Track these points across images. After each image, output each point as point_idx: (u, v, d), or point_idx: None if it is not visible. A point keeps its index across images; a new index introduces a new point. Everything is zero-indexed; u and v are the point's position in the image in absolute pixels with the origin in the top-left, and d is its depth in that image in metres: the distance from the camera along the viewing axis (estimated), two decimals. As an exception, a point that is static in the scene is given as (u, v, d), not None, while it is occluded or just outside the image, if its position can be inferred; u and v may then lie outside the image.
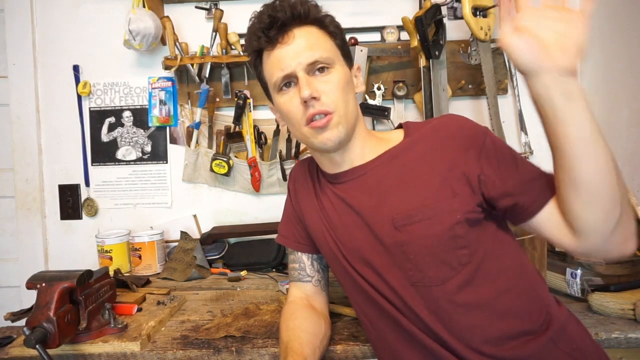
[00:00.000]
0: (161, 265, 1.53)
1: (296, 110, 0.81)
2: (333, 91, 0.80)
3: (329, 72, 0.81)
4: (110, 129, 1.71)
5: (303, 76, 0.79)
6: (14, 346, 0.94)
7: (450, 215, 0.75)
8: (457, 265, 0.74)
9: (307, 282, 0.98)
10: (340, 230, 0.86)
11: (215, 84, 1.64)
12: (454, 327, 0.73)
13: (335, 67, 0.81)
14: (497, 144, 0.77)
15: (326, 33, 0.83)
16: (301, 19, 0.80)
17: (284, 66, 0.80)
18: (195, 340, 0.96)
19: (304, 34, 0.80)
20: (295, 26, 0.80)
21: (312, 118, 0.79)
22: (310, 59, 0.79)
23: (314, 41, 0.80)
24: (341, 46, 0.85)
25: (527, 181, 0.74)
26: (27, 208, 1.70)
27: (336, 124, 0.80)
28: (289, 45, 0.80)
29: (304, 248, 0.99)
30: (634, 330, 0.90)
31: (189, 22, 1.66)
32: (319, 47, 0.80)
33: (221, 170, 1.60)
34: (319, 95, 0.79)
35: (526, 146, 1.59)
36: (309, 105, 0.79)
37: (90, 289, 0.96)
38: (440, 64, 1.48)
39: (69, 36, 1.69)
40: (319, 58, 0.79)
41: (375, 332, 0.84)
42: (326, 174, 0.92)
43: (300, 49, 0.79)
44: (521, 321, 0.73)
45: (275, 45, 0.81)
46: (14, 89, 1.68)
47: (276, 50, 0.81)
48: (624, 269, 1.11)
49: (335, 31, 0.84)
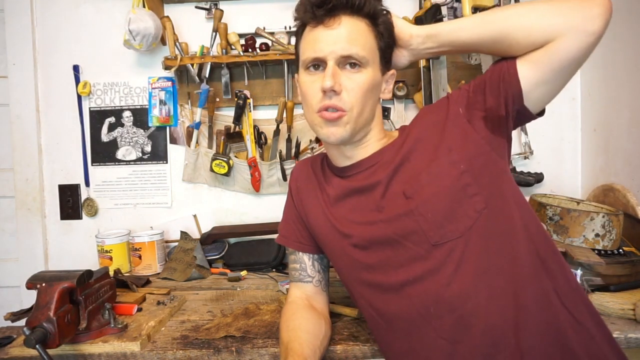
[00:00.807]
0: (161, 265, 1.53)
1: (314, 94, 0.81)
2: (355, 91, 0.80)
3: (359, 70, 0.80)
4: (110, 129, 1.71)
5: (332, 66, 0.78)
6: (14, 346, 0.95)
7: (453, 167, 0.76)
8: (473, 213, 0.75)
9: (308, 283, 0.98)
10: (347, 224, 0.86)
11: (215, 84, 1.64)
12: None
13: (367, 68, 0.81)
14: (460, 90, 0.83)
15: (373, 31, 0.82)
16: (353, 9, 0.80)
17: (318, 49, 0.79)
18: (195, 340, 0.96)
19: (349, 25, 0.79)
20: (345, 14, 0.79)
21: (325, 108, 0.80)
22: (345, 52, 0.78)
23: (356, 35, 0.79)
24: (383, 49, 0.84)
25: (495, 76, 0.77)
26: (27, 208, 1.70)
27: (345, 123, 0.80)
28: (332, 30, 0.79)
29: (305, 248, 0.99)
30: (634, 330, 0.90)
31: (189, 22, 1.66)
32: (359, 42, 0.79)
33: (221, 170, 1.60)
34: (340, 90, 0.79)
35: (526, 146, 1.59)
36: (327, 96, 0.79)
37: (90, 289, 0.96)
38: (440, 64, 1.48)
39: (68, 36, 1.69)
40: (354, 54, 0.79)
41: (385, 323, 0.82)
42: (334, 167, 0.92)
43: (340, 39, 0.78)
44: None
45: (318, 24, 0.80)
46: (14, 89, 1.68)
47: (317, 31, 0.80)
48: (624, 269, 1.11)
49: (384, 32, 0.83)
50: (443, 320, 0.73)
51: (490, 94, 0.77)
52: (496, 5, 1.45)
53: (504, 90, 0.75)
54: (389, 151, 0.85)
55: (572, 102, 1.62)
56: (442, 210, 0.76)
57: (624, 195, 1.27)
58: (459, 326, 0.72)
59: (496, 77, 0.76)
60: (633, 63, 1.31)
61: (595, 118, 1.53)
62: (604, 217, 1.14)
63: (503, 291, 0.73)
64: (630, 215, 1.22)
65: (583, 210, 1.17)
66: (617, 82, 1.39)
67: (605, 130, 1.47)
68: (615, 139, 1.41)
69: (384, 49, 0.84)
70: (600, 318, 0.76)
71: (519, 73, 0.74)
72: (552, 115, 1.62)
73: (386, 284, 0.80)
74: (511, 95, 0.75)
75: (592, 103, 1.55)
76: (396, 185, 0.81)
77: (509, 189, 0.79)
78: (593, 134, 1.55)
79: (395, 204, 0.80)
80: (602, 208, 1.29)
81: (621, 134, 1.38)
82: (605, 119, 1.47)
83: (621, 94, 1.37)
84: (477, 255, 0.74)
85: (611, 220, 1.14)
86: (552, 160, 1.63)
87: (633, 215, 1.22)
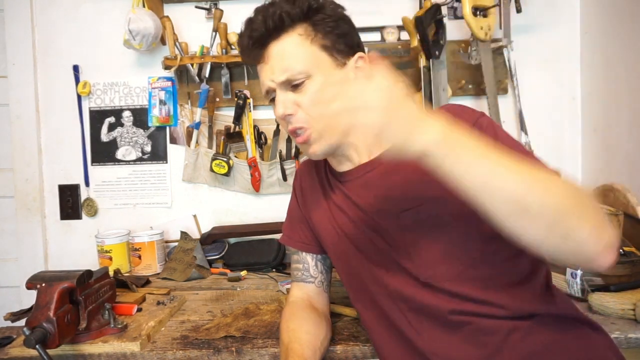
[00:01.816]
0: (161, 265, 1.53)
1: (281, 122, 0.84)
2: (307, 107, 0.80)
3: (303, 86, 0.80)
4: (110, 129, 1.71)
5: (278, 93, 0.81)
6: (14, 346, 0.94)
7: (455, 197, 0.75)
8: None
9: (310, 283, 0.98)
10: (348, 228, 0.86)
11: (215, 83, 1.63)
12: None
13: (313, 76, 0.79)
14: (494, 124, 0.76)
15: (309, 37, 0.79)
16: (277, 30, 0.79)
17: (263, 83, 0.84)
18: (195, 341, 0.96)
19: (279, 50, 0.80)
20: (272, 40, 0.80)
21: (292, 132, 0.82)
22: (281, 78, 0.80)
23: (287, 56, 0.79)
24: (331, 46, 0.80)
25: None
26: (27, 208, 1.70)
27: (316, 140, 0.81)
28: (266, 64, 0.82)
29: (309, 248, 0.98)
30: (634, 330, 0.90)
31: (189, 22, 1.65)
32: (292, 61, 0.79)
33: (221, 170, 1.60)
34: (294, 112, 0.80)
35: (526, 146, 1.58)
36: (287, 121, 0.82)
37: (90, 289, 0.96)
38: (440, 63, 1.48)
39: (68, 36, 1.69)
40: (290, 76, 0.79)
41: (380, 330, 0.83)
42: (334, 171, 0.92)
43: (274, 68, 0.80)
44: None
45: (258, 62, 0.84)
46: (14, 89, 1.68)
47: (259, 67, 0.84)
48: (624, 269, 1.11)
49: (327, 28, 0.80)
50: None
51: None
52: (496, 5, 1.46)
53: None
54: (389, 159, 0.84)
55: (572, 102, 1.62)
56: (438, 243, 0.76)
57: (624, 195, 1.27)
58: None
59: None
60: (633, 63, 1.31)
61: (595, 118, 1.53)
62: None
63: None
64: (630, 215, 1.22)
65: (583, 210, 1.17)
66: (617, 82, 1.39)
67: (605, 130, 1.47)
68: (615, 139, 1.41)
69: (331, 45, 0.80)
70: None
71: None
72: (552, 115, 1.63)
73: (379, 294, 0.81)
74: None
75: (592, 103, 1.55)
76: (393, 203, 0.80)
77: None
78: (593, 134, 1.55)
79: (391, 225, 0.80)
80: (602, 208, 1.29)
81: (621, 134, 1.38)
82: (605, 119, 1.47)
83: (621, 94, 1.37)
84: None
85: (611, 220, 1.14)
86: (552, 160, 1.57)
87: (633, 215, 1.21)
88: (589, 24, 1.55)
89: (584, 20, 1.57)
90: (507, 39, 1.50)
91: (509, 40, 1.51)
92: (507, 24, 1.49)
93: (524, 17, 1.55)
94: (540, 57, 1.61)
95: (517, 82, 1.59)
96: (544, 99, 1.62)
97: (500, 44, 1.51)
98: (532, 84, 1.61)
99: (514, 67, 1.58)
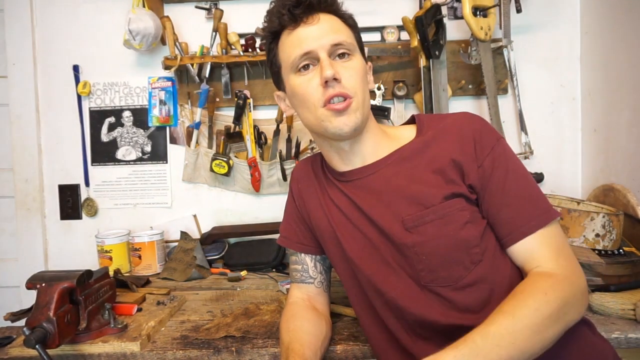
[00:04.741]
0: (161, 265, 1.53)
1: (314, 91, 0.79)
2: (353, 77, 0.80)
3: (350, 58, 0.81)
4: (110, 129, 1.71)
5: (325, 57, 0.78)
6: (14, 346, 0.94)
7: (460, 214, 0.75)
8: (470, 264, 0.74)
9: (310, 284, 0.98)
10: (347, 231, 0.86)
11: (215, 84, 1.63)
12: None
13: (355, 55, 0.82)
14: (507, 153, 0.79)
15: (347, 25, 0.84)
16: (327, 6, 0.82)
17: (306, 45, 0.79)
18: (195, 341, 0.96)
19: (328, 19, 0.81)
20: (322, 11, 0.81)
21: (330, 99, 0.78)
22: (334, 41, 0.79)
23: (338, 27, 0.81)
24: (358, 40, 0.87)
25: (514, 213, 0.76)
26: (27, 208, 1.70)
27: (354, 110, 0.79)
28: (314, 25, 0.80)
29: (307, 249, 0.98)
30: (634, 330, 0.90)
31: (189, 22, 1.65)
32: (343, 33, 0.81)
33: (221, 170, 1.60)
34: (341, 77, 0.78)
35: (526, 146, 1.59)
36: (329, 86, 0.78)
37: (90, 289, 0.96)
38: (440, 63, 1.48)
39: (68, 36, 1.69)
40: (343, 41, 0.80)
41: (376, 332, 0.83)
42: (334, 171, 0.91)
43: (325, 31, 0.79)
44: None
45: (298, 24, 0.80)
46: (13, 89, 1.68)
47: (299, 30, 0.80)
48: (625, 269, 1.11)
49: (355, 26, 0.86)
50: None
51: (484, 202, 0.78)
52: (496, 5, 1.46)
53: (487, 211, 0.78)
54: (395, 163, 0.84)
55: (572, 102, 1.62)
56: (439, 256, 0.77)
57: (624, 195, 1.27)
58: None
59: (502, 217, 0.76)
60: (633, 63, 1.31)
61: (595, 118, 1.53)
62: (604, 217, 1.14)
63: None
64: (631, 215, 1.22)
65: (583, 211, 1.17)
66: (617, 82, 1.39)
67: (606, 130, 1.47)
68: (615, 139, 1.41)
69: (358, 40, 0.87)
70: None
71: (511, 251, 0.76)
72: (553, 115, 1.63)
73: (375, 297, 0.81)
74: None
75: (592, 103, 1.55)
76: (395, 209, 0.80)
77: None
78: (593, 134, 1.55)
79: (392, 230, 0.80)
80: (603, 208, 1.29)
81: (621, 134, 1.38)
82: (605, 119, 1.47)
83: (621, 94, 1.37)
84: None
85: (611, 221, 1.14)
86: (553, 160, 1.63)
87: (633, 216, 1.22)
88: (589, 24, 1.55)
89: (584, 20, 1.57)
90: (507, 39, 1.50)
91: (509, 40, 1.51)
92: (507, 24, 1.49)
93: (524, 17, 1.55)
94: (540, 57, 1.61)
95: (517, 82, 1.59)
96: (544, 99, 1.62)
97: (500, 44, 1.51)
98: (532, 84, 1.61)
99: (514, 67, 1.58)
